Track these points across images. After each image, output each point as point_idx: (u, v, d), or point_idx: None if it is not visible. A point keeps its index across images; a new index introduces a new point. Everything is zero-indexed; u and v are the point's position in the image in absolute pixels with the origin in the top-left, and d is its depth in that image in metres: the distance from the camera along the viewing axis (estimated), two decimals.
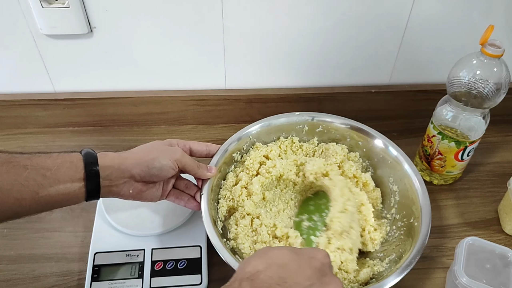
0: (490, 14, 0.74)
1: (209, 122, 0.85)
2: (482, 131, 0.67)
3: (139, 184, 0.56)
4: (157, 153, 0.56)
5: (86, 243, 0.64)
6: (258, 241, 0.60)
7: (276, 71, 0.81)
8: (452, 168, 0.72)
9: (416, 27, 0.75)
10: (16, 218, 0.49)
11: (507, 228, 0.68)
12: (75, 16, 0.69)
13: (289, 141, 0.73)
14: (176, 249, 0.62)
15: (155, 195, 0.59)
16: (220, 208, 0.64)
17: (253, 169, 0.67)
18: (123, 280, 0.59)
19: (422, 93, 0.83)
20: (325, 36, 0.76)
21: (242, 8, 0.71)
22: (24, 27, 0.71)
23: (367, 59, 0.80)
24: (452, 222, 0.70)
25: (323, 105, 0.83)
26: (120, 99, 0.80)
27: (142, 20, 0.72)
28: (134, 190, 0.56)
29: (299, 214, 0.66)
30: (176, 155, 0.57)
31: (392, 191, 0.67)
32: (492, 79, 0.61)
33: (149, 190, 0.57)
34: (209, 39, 0.75)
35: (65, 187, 0.50)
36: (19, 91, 0.80)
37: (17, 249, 0.64)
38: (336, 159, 0.69)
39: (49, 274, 0.61)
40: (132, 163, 0.54)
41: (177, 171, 0.58)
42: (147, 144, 0.59)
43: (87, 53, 0.75)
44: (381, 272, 0.58)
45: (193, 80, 0.81)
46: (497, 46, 0.59)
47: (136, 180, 0.55)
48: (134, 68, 0.78)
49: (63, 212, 0.69)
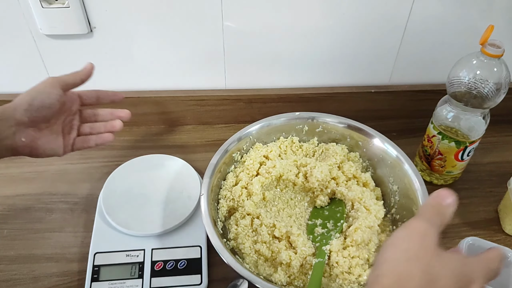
0: (490, 14, 0.74)
1: (209, 122, 0.86)
2: (482, 131, 0.67)
3: (31, 130, 0.52)
4: (31, 89, 0.53)
5: (86, 243, 0.64)
6: (258, 241, 0.60)
7: (276, 71, 0.81)
8: (452, 168, 0.72)
9: (416, 27, 0.75)
10: None
11: (507, 228, 0.68)
12: (75, 16, 0.69)
13: (289, 141, 0.73)
14: (176, 249, 0.62)
15: (55, 142, 0.55)
16: (220, 208, 0.64)
17: (253, 169, 0.67)
18: (123, 280, 0.59)
19: (422, 93, 0.83)
20: (325, 36, 0.76)
21: (242, 8, 0.71)
22: (24, 27, 0.71)
23: (367, 59, 0.80)
24: (452, 222, 0.70)
25: (323, 105, 0.83)
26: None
27: (142, 20, 0.72)
28: (27, 138, 0.52)
29: (312, 217, 0.66)
30: (49, 80, 0.53)
31: (392, 191, 0.67)
32: (492, 79, 0.61)
33: (46, 137, 0.54)
34: (209, 39, 0.75)
35: None
36: (19, 91, 0.79)
37: (17, 249, 0.64)
38: (336, 159, 0.69)
39: (49, 274, 0.61)
40: (14, 107, 0.51)
41: (61, 94, 0.53)
42: None
43: (87, 53, 0.75)
44: None
45: (193, 80, 0.81)
46: (497, 46, 0.59)
47: (26, 125, 0.51)
48: (134, 68, 0.78)
49: (63, 212, 0.69)
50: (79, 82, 0.56)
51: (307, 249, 0.59)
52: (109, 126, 0.61)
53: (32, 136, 0.52)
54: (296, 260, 0.57)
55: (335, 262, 0.58)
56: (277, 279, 0.56)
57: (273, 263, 0.59)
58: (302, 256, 0.58)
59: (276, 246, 0.59)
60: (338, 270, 0.57)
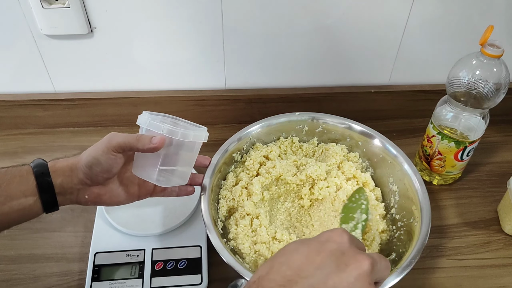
0: (490, 14, 0.74)
1: (209, 122, 0.85)
2: (481, 131, 0.67)
3: (94, 188, 0.53)
4: (92, 149, 0.52)
5: (86, 243, 0.64)
6: (257, 242, 0.60)
7: (276, 71, 0.81)
8: (451, 168, 0.72)
9: (415, 27, 0.75)
10: None
11: (506, 228, 0.68)
12: (76, 16, 0.69)
13: (289, 141, 0.73)
14: (176, 249, 0.62)
15: (119, 195, 0.55)
16: (220, 208, 0.64)
17: (253, 169, 0.67)
18: (123, 280, 0.59)
19: (422, 93, 0.83)
20: (325, 36, 0.76)
21: (242, 8, 0.71)
22: (25, 27, 0.71)
23: (367, 59, 0.80)
24: (452, 222, 0.70)
25: (323, 105, 0.83)
26: (120, 99, 0.80)
27: (142, 20, 0.72)
28: (91, 195, 0.53)
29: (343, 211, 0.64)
30: (105, 141, 0.52)
31: (392, 191, 0.67)
32: (492, 79, 0.61)
33: (108, 193, 0.55)
34: (209, 39, 0.75)
35: (18, 203, 0.48)
36: (20, 91, 0.80)
37: (17, 249, 0.64)
38: (336, 159, 0.69)
39: (49, 274, 0.61)
40: (78, 166, 0.51)
41: (120, 156, 0.52)
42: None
43: (88, 53, 0.75)
44: None
45: (193, 80, 0.81)
46: (497, 46, 0.59)
47: (88, 184, 0.52)
48: (134, 68, 0.78)
49: (63, 212, 0.69)
50: (135, 149, 0.53)
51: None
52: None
53: (96, 193, 0.54)
54: None
55: None
56: None
57: None
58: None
59: (276, 247, 0.59)
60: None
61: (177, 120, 0.57)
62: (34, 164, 0.51)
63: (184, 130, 0.52)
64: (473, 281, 0.62)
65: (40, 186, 0.49)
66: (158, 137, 0.51)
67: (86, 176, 0.51)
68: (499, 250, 0.66)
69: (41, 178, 0.49)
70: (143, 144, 0.51)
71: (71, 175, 0.51)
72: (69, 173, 0.51)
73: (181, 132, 0.51)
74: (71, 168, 0.51)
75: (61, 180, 0.51)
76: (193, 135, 0.53)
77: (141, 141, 0.51)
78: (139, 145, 0.51)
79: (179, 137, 0.51)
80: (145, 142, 0.51)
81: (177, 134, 0.51)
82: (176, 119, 0.57)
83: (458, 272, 0.63)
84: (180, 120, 0.57)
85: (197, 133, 0.54)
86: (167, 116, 0.56)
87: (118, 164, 0.53)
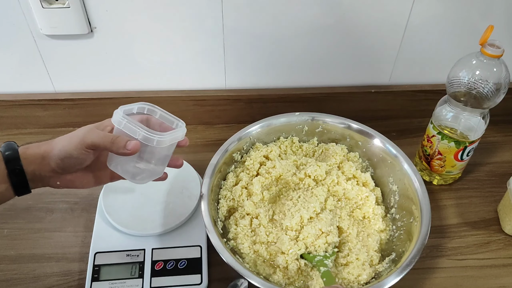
0: (490, 14, 0.74)
1: (209, 122, 0.86)
2: (481, 131, 0.67)
3: (66, 175, 0.53)
4: (66, 141, 0.51)
5: (86, 243, 0.64)
6: (257, 242, 0.60)
7: (276, 71, 0.81)
8: (451, 168, 0.72)
9: (416, 27, 0.75)
10: None
11: (506, 228, 0.68)
12: (76, 16, 0.69)
13: (289, 141, 0.73)
14: (176, 249, 0.62)
15: (91, 181, 0.56)
16: (220, 208, 0.64)
17: (253, 169, 0.67)
18: (124, 280, 0.59)
19: (422, 93, 0.83)
20: (325, 36, 0.76)
21: (242, 8, 0.71)
22: (25, 27, 0.71)
23: (367, 59, 0.80)
24: (452, 222, 0.70)
25: (323, 105, 0.83)
26: (120, 99, 0.80)
27: (143, 20, 0.72)
28: (62, 182, 0.53)
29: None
30: (79, 136, 0.51)
31: (391, 191, 0.67)
32: (492, 79, 0.61)
33: (80, 179, 0.54)
34: (209, 39, 0.75)
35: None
36: (20, 91, 0.80)
37: (17, 249, 0.64)
38: (336, 159, 0.69)
39: (50, 274, 0.62)
40: (50, 156, 0.51)
41: (93, 152, 0.52)
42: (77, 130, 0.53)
43: (88, 53, 0.75)
44: (380, 272, 0.58)
45: (193, 80, 0.81)
46: (497, 46, 0.59)
47: (60, 173, 0.52)
48: (134, 68, 0.78)
49: (63, 212, 0.69)
50: (110, 151, 0.52)
51: (294, 250, 0.58)
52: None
53: (67, 180, 0.54)
54: (293, 264, 0.57)
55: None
56: (276, 280, 0.57)
57: (271, 264, 0.59)
58: (293, 258, 0.58)
59: (273, 249, 0.59)
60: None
61: (155, 109, 0.55)
62: (4, 149, 0.50)
63: (160, 137, 0.50)
64: (473, 281, 0.62)
65: (12, 174, 0.49)
66: (133, 143, 0.49)
67: (58, 166, 0.51)
68: (499, 250, 0.66)
69: (12, 166, 0.49)
70: (117, 147, 0.50)
71: (42, 163, 0.51)
72: (41, 161, 0.51)
73: (157, 139, 0.50)
74: (43, 156, 0.51)
75: (32, 168, 0.50)
76: (169, 139, 0.52)
77: (115, 144, 0.50)
78: (113, 148, 0.50)
79: (155, 144, 0.50)
80: (120, 146, 0.50)
81: (153, 141, 0.50)
82: (153, 107, 0.55)
83: (458, 272, 0.63)
84: (158, 109, 0.55)
85: (174, 135, 0.53)
86: (144, 105, 0.55)
87: (90, 158, 0.53)
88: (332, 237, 0.59)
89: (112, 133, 0.52)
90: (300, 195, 0.64)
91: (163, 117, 0.55)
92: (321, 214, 0.61)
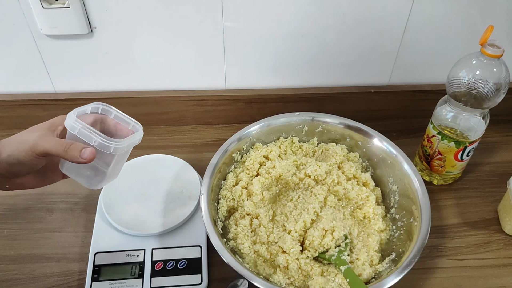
0: (490, 14, 0.74)
1: (209, 122, 0.86)
2: (481, 131, 0.67)
3: (15, 179, 0.51)
4: (14, 146, 0.48)
5: (86, 243, 0.64)
6: (257, 242, 0.60)
7: (276, 71, 0.81)
8: (451, 168, 0.72)
9: (415, 27, 0.75)
10: None
11: (506, 228, 0.68)
12: (76, 16, 0.69)
13: (289, 141, 0.73)
14: (176, 249, 0.62)
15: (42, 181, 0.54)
16: (220, 208, 0.64)
17: (253, 169, 0.67)
18: (124, 280, 0.59)
19: (422, 93, 0.83)
20: (325, 36, 0.76)
21: (242, 8, 0.71)
22: (25, 27, 0.71)
23: (367, 59, 0.80)
24: (452, 222, 0.70)
25: (323, 105, 0.83)
26: (120, 99, 0.80)
27: (143, 20, 0.72)
28: (12, 185, 0.51)
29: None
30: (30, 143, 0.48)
31: (391, 191, 0.68)
32: (492, 79, 0.61)
33: (31, 181, 0.53)
34: (209, 39, 0.75)
35: None
36: (19, 91, 0.80)
37: (17, 249, 0.64)
38: (336, 159, 0.69)
39: (50, 274, 0.62)
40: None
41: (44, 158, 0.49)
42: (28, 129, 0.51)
43: (88, 53, 0.75)
44: (380, 272, 0.58)
45: (193, 80, 0.81)
46: (497, 46, 0.59)
47: (8, 177, 0.50)
48: (134, 68, 0.78)
49: (63, 212, 0.69)
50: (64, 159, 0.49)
51: (295, 249, 0.58)
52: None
53: (17, 183, 0.52)
54: (293, 263, 0.57)
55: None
56: (276, 280, 0.57)
57: (272, 263, 0.59)
58: (294, 257, 0.58)
59: (274, 248, 0.59)
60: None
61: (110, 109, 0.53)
62: None
63: (117, 144, 0.49)
64: (473, 281, 0.62)
65: None
66: (88, 151, 0.47)
67: (6, 171, 0.49)
68: (499, 250, 0.66)
69: None
70: (71, 156, 0.47)
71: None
72: None
73: (114, 147, 0.49)
74: None
75: None
76: (126, 145, 0.50)
77: (69, 152, 0.47)
78: (67, 156, 0.47)
79: (112, 151, 0.49)
80: (74, 155, 0.47)
81: (110, 148, 0.48)
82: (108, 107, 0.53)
83: (458, 272, 0.63)
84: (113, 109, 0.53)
85: (131, 141, 0.51)
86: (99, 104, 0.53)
87: (42, 163, 0.51)
88: (338, 232, 0.59)
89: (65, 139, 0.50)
90: (300, 195, 0.64)
91: (118, 117, 0.53)
92: (321, 213, 0.61)
